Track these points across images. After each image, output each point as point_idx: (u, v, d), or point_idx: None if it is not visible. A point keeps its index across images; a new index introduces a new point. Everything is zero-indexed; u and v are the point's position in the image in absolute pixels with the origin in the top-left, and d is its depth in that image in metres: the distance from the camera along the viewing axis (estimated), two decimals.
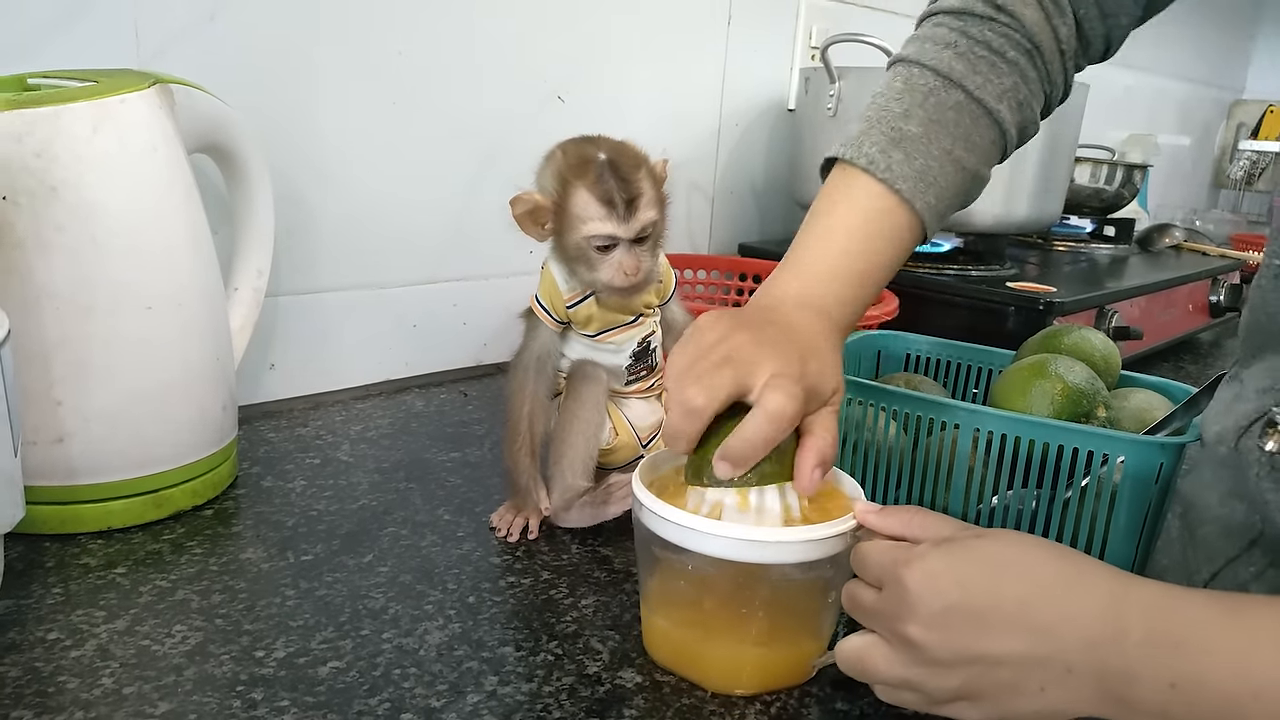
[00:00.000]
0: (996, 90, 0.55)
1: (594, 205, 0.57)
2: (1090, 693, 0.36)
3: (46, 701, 0.44)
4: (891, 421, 0.65)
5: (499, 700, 0.46)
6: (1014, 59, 0.56)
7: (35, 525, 0.58)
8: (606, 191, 0.57)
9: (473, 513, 0.66)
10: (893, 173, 0.53)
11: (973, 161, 0.56)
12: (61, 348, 0.57)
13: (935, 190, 0.54)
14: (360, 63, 0.85)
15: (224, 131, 0.71)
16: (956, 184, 0.55)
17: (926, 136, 0.54)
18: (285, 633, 0.50)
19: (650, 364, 0.66)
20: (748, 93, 1.26)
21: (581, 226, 0.58)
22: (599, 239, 0.58)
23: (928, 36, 0.57)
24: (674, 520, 0.46)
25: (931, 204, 0.54)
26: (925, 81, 0.55)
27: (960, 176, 0.55)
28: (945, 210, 0.56)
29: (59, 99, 0.56)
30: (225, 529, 0.62)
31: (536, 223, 0.60)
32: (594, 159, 0.58)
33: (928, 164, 0.54)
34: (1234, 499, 0.49)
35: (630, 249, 0.59)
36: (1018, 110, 0.57)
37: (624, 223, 0.58)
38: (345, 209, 0.88)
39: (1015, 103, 0.56)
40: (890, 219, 0.54)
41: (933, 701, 0.40)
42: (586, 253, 0.59)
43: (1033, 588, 0.38)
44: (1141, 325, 1.09)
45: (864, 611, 0.43)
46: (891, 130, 0.54)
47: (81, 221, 0.56)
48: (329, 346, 0.89)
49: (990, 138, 0.56)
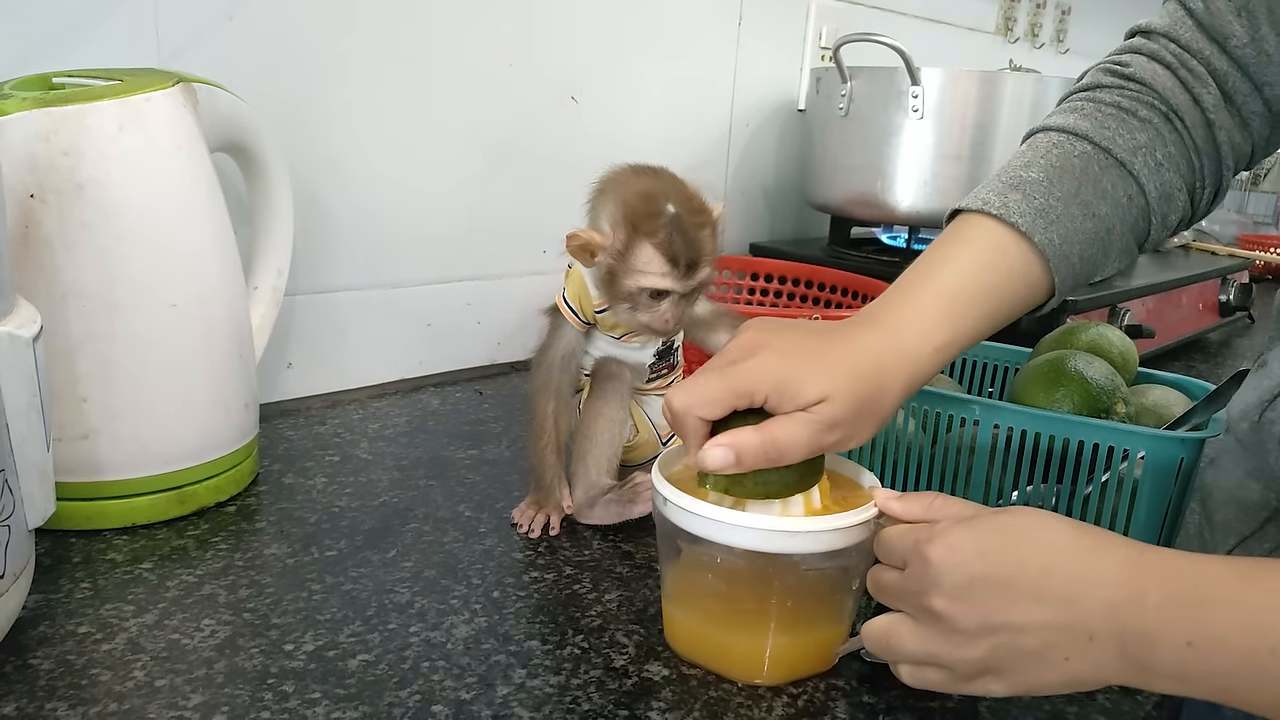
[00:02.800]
0: (1128, 144, 0.52)
1: (658, 262, 0.57)
2: (1112, 659, 0.37)
3: (80, 694, 0.44)
4: (910, 419, 0.66)
5: (528, 693, 0.46)
6: (1146, 116, 0.53)
7: (61, 521, 0.58)
8: (674, 252, 0.56)
9: (493, 509, 0.66)
10: (1008, 209, 0.50)
11: (1104, 210, 0.51)
12: (87, 345, 0.57)
13: (1058, 229, 0.50)
14: (375, 62, 0.86)
15: (244, 130, 0.71)
16: (1086, 231, 0.51)
17: (1048, 180, 0.51)
18: (313, 626, 0.50)
19: (672, 362, 0.67)
20: (758, 93, 1.26)
21: (640, 278, 0.58)
22: (655, 290, 0.58)
23: (1056, 111, 0.56)
24: (699, 513, 0.46)
25: (1055, 242, 0.50)
26: (1049, 139, 0.53)
27: (1090, 224, 0.51)
28: (1076, 256, 0.51)
29: (86, 97, 0.57)
30: (249, 525, 0.62)
31: (589, 252, 0.59)
32: (662, 212, 0.56)
33: (1048, 203, 0.50)
34: (1252, 479, 0.50)
35: (679, 301, 0.59)
36: (1156, 170, 0.53)
37: (683, 280, 0.58)
38: (360, 208, 0.88)
39: (1152, 161, 0.52)
40: (1003, 253, 0.50)
41: (958, 678, 0.40)
42: (636, 299, 0.58)
43: (1053, 556, 0.38)
44: (1152, 324, 1.09)
45: (888, 592, 0.44)
46: (1010, 178, 0.52)
47: (108, 220, 0.57)
48: (345, 345, 0.90)
49: (1124, 191, 0.52)
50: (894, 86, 1.10)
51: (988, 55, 1.68)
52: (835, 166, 1.20)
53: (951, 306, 0.49)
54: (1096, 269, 0.54)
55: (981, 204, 0.51)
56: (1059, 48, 1.84)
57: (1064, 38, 1.84)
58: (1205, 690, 0.35)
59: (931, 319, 0.48)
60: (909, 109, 1.09)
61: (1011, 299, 0.50)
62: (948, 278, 0.49)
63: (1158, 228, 0.55)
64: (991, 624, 0.38)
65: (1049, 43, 1.82)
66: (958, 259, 0.50)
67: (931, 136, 1.10)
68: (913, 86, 1.08)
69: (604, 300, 0.62)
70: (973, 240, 0.51)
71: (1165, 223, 0.55)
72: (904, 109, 1.10)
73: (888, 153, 1.12)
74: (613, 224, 0.58)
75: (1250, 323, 1.47)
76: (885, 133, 1.12)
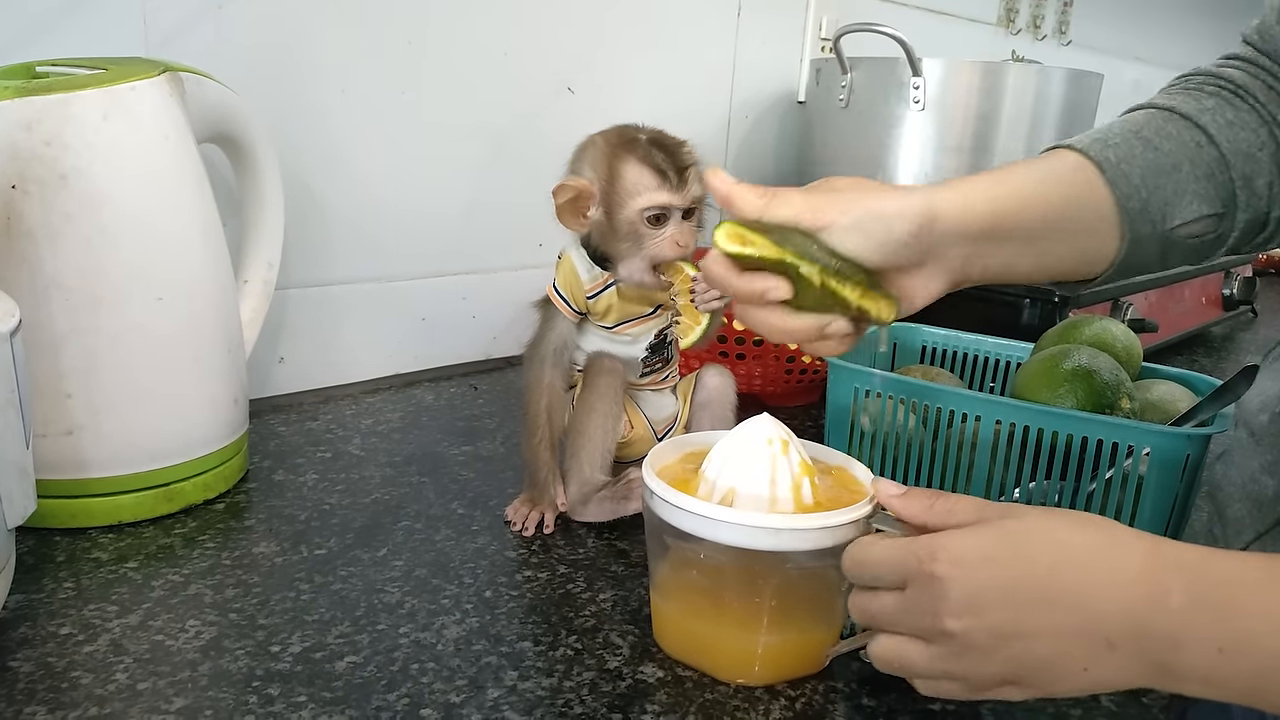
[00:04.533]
0: (1193, 107, 0.53)
1: (647, 176, 0.57)
2: (1135, 663, 0.35)
3: (60, 697, 0.43)
4: (911, 414, 0.65)
5: (520, 696, 0.45)
6: (1212, 91, 0.54)
7: (45, 519, 0.57)
8: (659, 163, 0.57)
9: (486, 506, 0.65)
10: (1066, 140, 0.52)
11: (1168, 147, 0.51)
12: (71, 339, 0.56)
13: (1115, 151, 0.51)
14: (369, 53, 0.84)
15: (233, 121, 0.70)
16: (1147, 159, 0.51)
17: (1107, 126, 0.53)
18: (300, 627, 0.49)
19: (666, 356, 0.66)
20: (758, 84, 1.25)
21: (634, 200, 0.57)
22: (653, 210, 0.57)
23: None
24: (686, 508, 0.45)
25: (1111, 160, 0.50)
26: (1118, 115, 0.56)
27: (1151, 154, 0.51)
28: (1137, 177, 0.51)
29: (69, 86, 0.56)
30: (237, 523, 0.61)
31: (578, 212, 0.59)
32: (637, 137, 0.58)
33: (1106, 135, 0.52)
34: (1266, 474, 0.49)
35: (681, 222, 0.58)
36: (1227, 126, 0.52)
37: (677, 192, 0.57)
38: (353, 200, 0.87)
39: (1221, 119, 0.52)
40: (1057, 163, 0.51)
41: (975, 689, 0.39)
42: (638, 228, 0.58)
43: (1062, 557, 0.37)
44: (1155, 318, 1.08)
45: (885, 617, 0.41)
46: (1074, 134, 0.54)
47: (91, 211, 0.56)
48: (338, 340, 0.89)
49: (1191, 137, 0.52)
50: (895, 77, 1.09)
51: (990, 47, 1.67)
52: (835, 158, 1.18)
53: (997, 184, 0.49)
54: (1167, 205, 0.51)
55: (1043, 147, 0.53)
56: (1061, 39, 1.82)
57: (1066, 29, 1.83)
58: (1232, 693, 0.34)
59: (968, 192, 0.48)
60: (910, 100, 1.08)
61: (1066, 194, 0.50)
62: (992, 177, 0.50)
63: (1242, 186, 0.52)
64: (1003, 634, 0.37)
65: (1051, 34, 1.80)
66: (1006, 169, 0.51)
67: (933, 128, 1.08)
68: (914, 77, 1.07)
69: (593, 275, 0.61)
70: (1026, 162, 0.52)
71: (1251, 185, 0.52)
72: (905, 100, 1.08)
73: (888, 144, 1.11)
74: (593, 165, 0.59)
75: (1254, 317, 1.46)
76: (886, 124, 1.10)
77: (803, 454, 0.48)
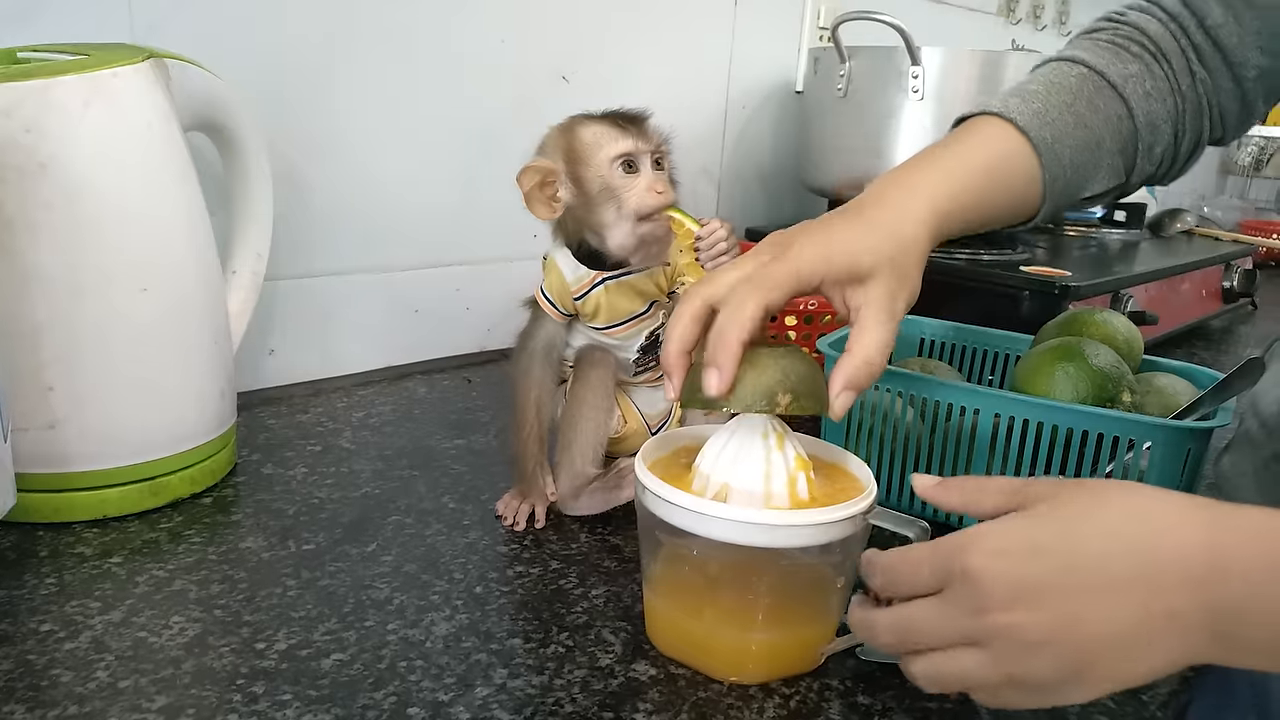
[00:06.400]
0: (1121, 72, 0.56)
1: (606, 130, 0.58)
2: (1198, 637, 0.33)
3: (39, 696, 0.42)
4: (909, 407, 0.64)
5: (509, 694, 0.44)
6: (1137, 53, 0.57)
7: (28, 513, 0.56)
8: (614, 118, 0.58)
9: (478, 501, 0.64)
10: (1007, 108, 0.54)
11: (1095, 122, 0.55)
12: (52, 330, 0.55)
13: (1051, 130, 0.53)
14: (360, 40, 0.83)
15: (221, 109, 0.68)
16: (1077, 138, 0.55)
17: (1045, 92, 0.55)
18: (287, 624, 0.48)
19: (658, 356, 0.65)
20: (755, 75, 1.24)
21: (597, 153, 0.57)
22: (620, 156, 0.57)
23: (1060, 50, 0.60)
24: (679, 504, 0.44)
25: (1048, 140, 0.53)
26: (1049, 65, 0.58)
27: (1082, 132, 0.55)
28: (1067, 159, 0.54)
29: (49, 71, 0.54)
30: (224, 517, 0.60)
31: (547, 194, 0.58)
32: (590, 111, 0.59)
33: (1045, 108, 0.54)
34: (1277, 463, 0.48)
35: (652, 167, 0.58)
36: (1144, 98, 0.56)
37: (639, 137, 0.57)
38: (345, 190, 0.85)
39: (1141, 90, 0.56)
40: (1002, 141, 0.53)
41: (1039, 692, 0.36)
42: (610, 183, 0.57)
43: (1114, 539, 0.35)
44: (1155, 310, 1.07)
45: (926, 629, 0.37)
46: (1011, 91, 0.56)
47: (72, 200, 0.54)
48: (329, 332, 0.87)
49: (1115, 110, 0.56)
50: (894, 66, 1.07)
51: (990, 36, 1.65)
52: (833, 149, 1.17)
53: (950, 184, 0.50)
54: (1085, 180, 0.57)
55: (981, 108, 0.55)
56: (1061, 29, 1.81)
57: (1067, 19, 1.81)
58: None
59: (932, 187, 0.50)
60: (909, 89, 1.07)
61: (1008, 183, 0.53)
62: (949, 160, 0.52)
63: (1144, 155, 0.58)
64: (1060, 625, 0.34)
65: (1051, 24, 1.79)
66: (958, 146, 0.53)
67: (932, 118, 1.07)
68: (913, 66, 1.05)
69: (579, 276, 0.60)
70: (973, 134, 0.54)
71: (1151, 154, 0.58)
72: (904, 89, 1.07)
73: (887, 134, 1.10)
74: (551, 146, 0.59)
75: (1254, 309, 1.45)
76: (884, 114, 1.09)
77: (799, 448, 0.47)
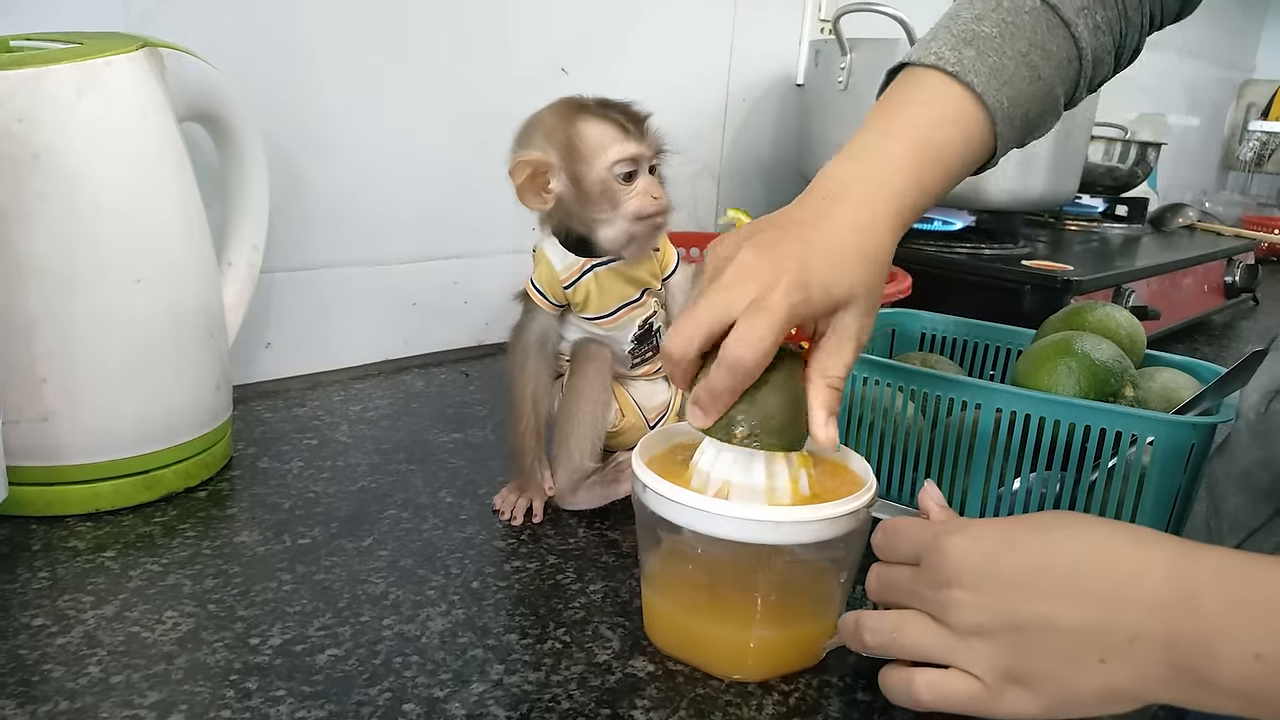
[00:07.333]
0: (1074, 4, 0.52)
1: (610, 130, 0.56)
2: (1158, 665, 0.33)
3: (30, 691, 0.41)
4: (909, 402, 0.63)
5: (505, 690, 0.43)
6: None
7: (21, 507, 0.56)
8: (615, 117, 0.56)
9: (475, 495, 0.64)
10: (963, 67, 0.50)
11: (1048, 72, 0.52)
12: (45, 322, 0.54)
13: (1009, 91, 0.50)
14: (358, 30, 0.82)
15: (216, 99, 0.68)
16: (1032, 93, 0.51)
17: (1000, 37, 0.51)
18: (281, 619, 0.48)
19: (655, 345, 0.64)
20: (755, 67, 1.23)
21: (600, 156, 0.56)
22: (622, 164, 0.56)
23: None
24: (680, 501, 0.44)
25: (1004, 105, 0.50)
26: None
27: (1036, 86, 0.52)
28: (1019, 119, 0.52)
29: (42, 60, 0.54)
30: (219, 511, 0.60)
31: (539, 188, 0.57)
32: (585, 101, 0.57)
33: (1001, 62, 0.50)
34: (1261, 469, 0.47)
35: (650, 172, 0.57)
36: (1094, 33, 0.53)
37: (642, 141, 0.57)
38: (342, 182, 0.85)
39: (1092, 23, 0.53)
40: (960, 113, 0.50)
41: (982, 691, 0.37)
42: (610, 187, 0.56)
43: (1086, 547, 0.35)
44: (1157, 305, 1.07)
45: (896, 587, 0.40)
46: (963, 31, 0.51)
47: (66, 190, 0.54)
48: (326, 325, 0.87)
49: (1066, 53, 0.53)
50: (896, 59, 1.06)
51: None
52: (835, 142, 1.16)
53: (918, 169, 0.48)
54: (1031, 133, 0.54)
55: (936, 59, 0.50)
56: None
57: None
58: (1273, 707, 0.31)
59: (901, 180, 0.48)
60: None
61: (964, 157, 0.50)
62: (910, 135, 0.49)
63: (1083, 89, 0.56)
64: (1016, 619, 0.35)
65: None
66: (918, 121, 0.50)
67: None
68: None
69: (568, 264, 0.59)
70: (930, 101, 0.50)
71: (1090, 85, 0.56)
72: None
73: None
74: (546, 136, 0.58)
75: (1255, 304, 1.44)
76: None
77: None
